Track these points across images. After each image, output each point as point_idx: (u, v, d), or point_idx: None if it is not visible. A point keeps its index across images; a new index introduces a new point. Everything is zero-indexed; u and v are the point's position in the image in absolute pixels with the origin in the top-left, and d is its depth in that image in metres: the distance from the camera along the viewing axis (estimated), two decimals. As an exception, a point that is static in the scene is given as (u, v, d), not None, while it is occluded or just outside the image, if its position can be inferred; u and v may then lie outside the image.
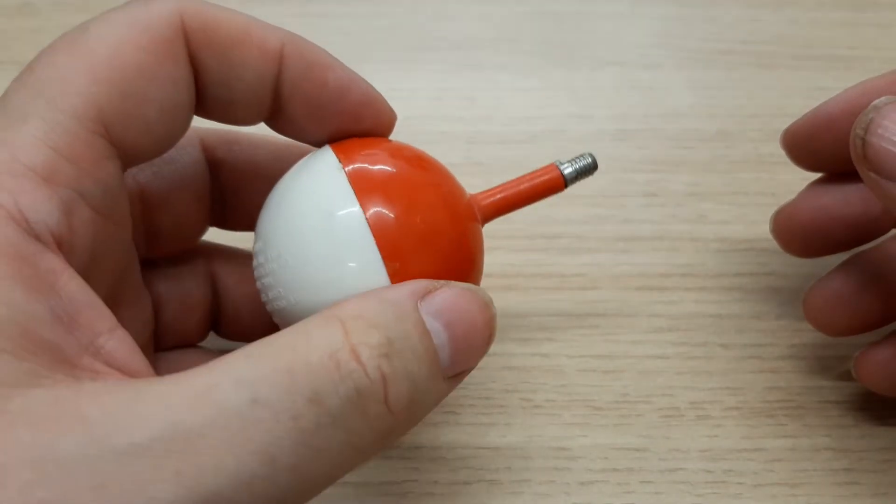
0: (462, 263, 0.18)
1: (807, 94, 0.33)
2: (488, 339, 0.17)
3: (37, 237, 0.15)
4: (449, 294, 0.16)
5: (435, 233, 0.18)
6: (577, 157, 0.21)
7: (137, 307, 0.20)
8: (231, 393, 0.13)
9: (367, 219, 0.17)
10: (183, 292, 0.22)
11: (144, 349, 0.21)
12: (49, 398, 0.13)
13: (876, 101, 0.19)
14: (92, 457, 0.12)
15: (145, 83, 0.17)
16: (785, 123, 0.24)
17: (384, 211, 0.17)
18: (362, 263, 0.17)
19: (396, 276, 0.17)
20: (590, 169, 0.21)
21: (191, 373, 0.14)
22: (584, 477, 0.23)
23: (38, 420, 0.13)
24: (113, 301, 0.18)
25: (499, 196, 0.20)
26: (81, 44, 0.16)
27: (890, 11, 0.36)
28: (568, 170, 0.21)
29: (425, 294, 0.16)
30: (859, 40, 0.35)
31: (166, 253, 0.22)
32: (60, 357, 0.14)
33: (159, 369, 0.21)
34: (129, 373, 0.15)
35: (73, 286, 0.15)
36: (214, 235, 0.23)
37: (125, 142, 0.17)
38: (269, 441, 0.13)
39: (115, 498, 0.12)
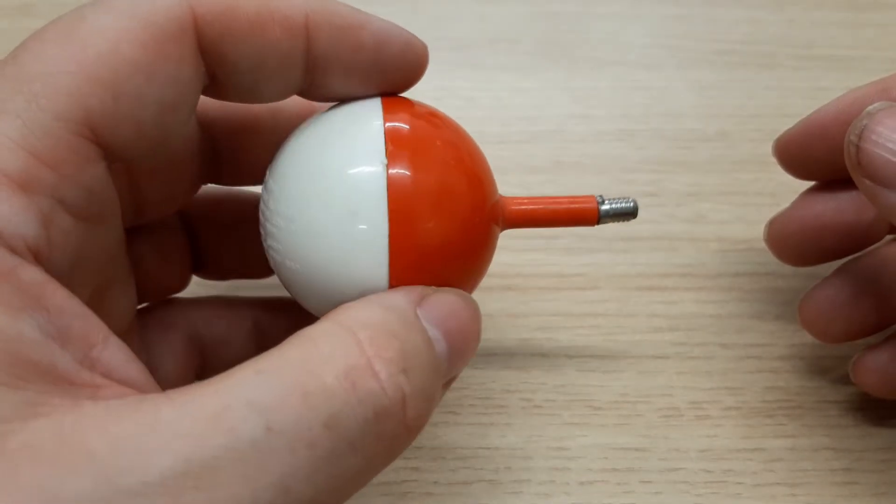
0: (463, 271, 0.18)
1: (807, 94, 0.33)
2: (476, 347, 0.17)
3: (12, 250, 0.13)
4: (445, 302, 0.16)
5: (446, 241, 0.17)
6: (619, 198, 0.20)
7: (123, 296, 0.19)
8: (244, 419, 0.13)
9: (388, 194, 0.16)
10: (160, 245, 0.21)
11: (129, 329, 0.20)
12: (51, 430, 0.12)
13: (869, 108, 0.19)
14: (103, 499, 0.12)
15: (142, 83, 0.15)
16: (785, 124, 0.24)
17: (407, 197, 0.16)
18: (370, 230, 0.16)
19: (396, 259, 0.16)
20: (628, 213, 0.20)
21: (199, 393, 0.13)
22: (583, 477, 0.23)
23: (41, 458, 0.12)
24: (98, 297, 0.17)
25: (528, 207, 0.20)
26: (75, 35, 0.15)
27: (890, 11, 0.36)
28: (605, 206, 0.20)
29: (420, 300, 0.16)
30: (860, 40, 0.35)
31: (155, 219, 0.21)
32: (56, 376, 0.13)
33: (148, 360, 0.20)
34: (128, 383, 0.14)
35: (60, 298, 0.14)
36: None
37: (114, 144, 0.15)
38: (284, 472, 0.13)
39: None
